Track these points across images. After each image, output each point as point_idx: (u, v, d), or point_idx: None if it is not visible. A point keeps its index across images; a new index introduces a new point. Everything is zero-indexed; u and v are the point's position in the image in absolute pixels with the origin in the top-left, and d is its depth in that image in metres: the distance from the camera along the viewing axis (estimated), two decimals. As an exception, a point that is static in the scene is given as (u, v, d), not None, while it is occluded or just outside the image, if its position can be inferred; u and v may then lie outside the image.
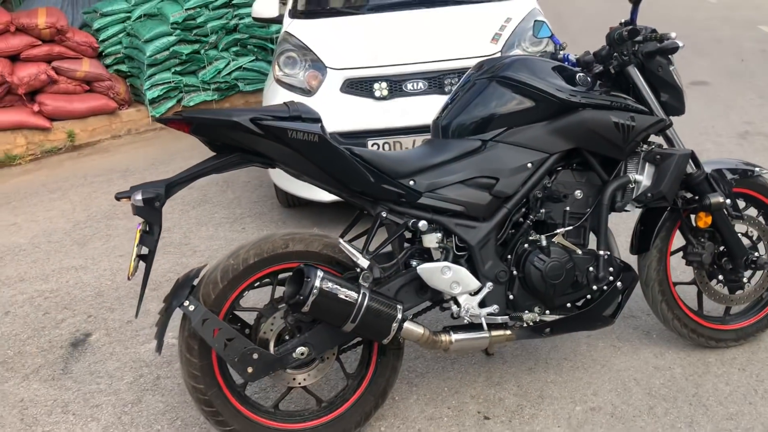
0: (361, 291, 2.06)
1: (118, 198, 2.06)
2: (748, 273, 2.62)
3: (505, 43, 3.83)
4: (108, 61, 6.98)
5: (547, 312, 2.34)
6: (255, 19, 4.89)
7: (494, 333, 2.31)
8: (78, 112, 6.56)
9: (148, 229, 2.05)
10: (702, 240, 2.53)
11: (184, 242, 4.10)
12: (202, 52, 7.01)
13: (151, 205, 2.01)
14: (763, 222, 2.66)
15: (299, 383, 2.22)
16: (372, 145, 3.67)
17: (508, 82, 2.29)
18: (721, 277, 2.61)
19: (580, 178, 2.37)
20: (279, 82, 4.02)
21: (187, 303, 2.06)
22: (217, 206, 4.66)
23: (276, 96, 4.00)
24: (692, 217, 2.53)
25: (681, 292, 2.71)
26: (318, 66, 3.89)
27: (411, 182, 2.20)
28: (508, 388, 2.54)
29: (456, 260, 2.25)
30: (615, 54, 2.36)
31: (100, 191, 5.21)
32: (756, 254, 2.55)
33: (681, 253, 2.61)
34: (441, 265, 2.20)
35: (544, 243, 2.28)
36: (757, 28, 10.12)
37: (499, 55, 3.77)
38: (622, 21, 2.38)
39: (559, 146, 2.29)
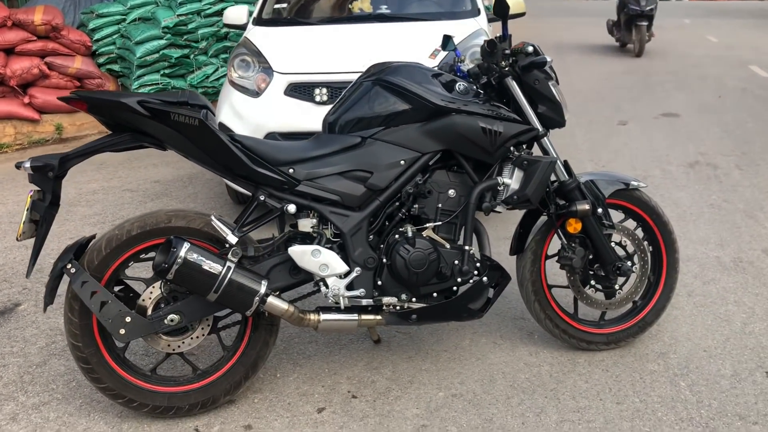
0: (226, 264, 2.25)
1: (17, 167, 2.26)
2: (621, 280, 2.77)
3: (443, 59, 4.02)
4: (101, 60, 7.29)
5: (414, 300, 2.51)
6: (226, 25, 5.15)
7: (363, 316, 2.48)
8: (67, 107, 6.83)
9: (41, 197, 2.25)
10: (573, 245, 2.69)
11: (133, 229, 4.31)
12: (192, 57, 7.30)
13: (42, 174, 2.22)
14: (639, 234, 2.81)
15: (173, 349, 2.40)
16: (308, 147, 3.87)
17: (388, 86, 2.48)
18: (594, 282, 2.77)
19: (454, 178, 2.55)
20: (232, 83, 4.25)
21: (69, 266, 2.27)
22: (174, 200, 4.88)
23: (229, 96, 4.23)
24: (565, 223, 2.68)
25: (560, 295, 2.87)
26: (267, 70, 4.12)
27: (290, 170, 2.39)
28: (383, 372, 2.71)
29: (329, 245, 2.44)
30: (493, 66, 2.55)
31: (72, 181, 5.45)
32: (622, 261, 2.70)
33: (556, 257, 2.77)
34: (312, 248, 2.38)
35: (410, 234, 2.45)
36: (747, 68, 10.27)
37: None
38: (497, 36, 2.57)
39: (430, 147, 2.47)
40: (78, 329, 2.32)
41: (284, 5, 5.00)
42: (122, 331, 2.27)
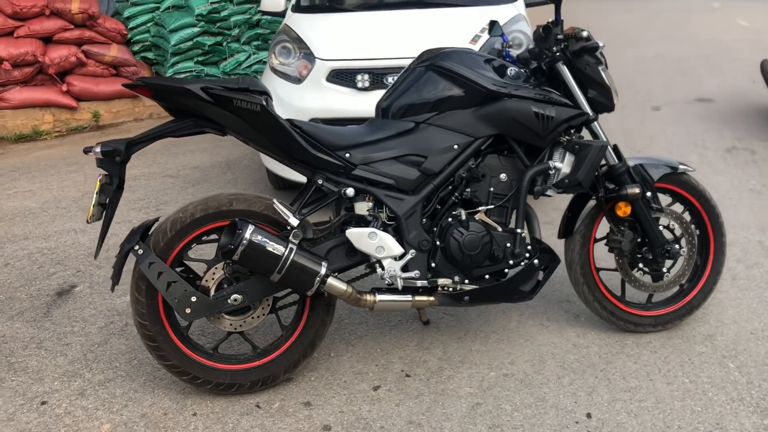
0: (289, 246, 2.32)
1: (85, 152, 2.35)
2: (669, 263, 2.80)
3: (484, 44, 4.05)
4: (135, 48, 7.37)
5: (466, 281, 2.57)
6: (263, 12, 5.20)
7: (417, 297, 2.54)
8: (104, 94, 6.96)
9: (109, 181, 2.34)
10: (622, 228, 2.72)
11: (177, 214, 4.41)
12: (225, 44, 7.37)
13: (110, 158, 2.31)
14: (687, 218, 2.84)
15: (235, 328, 2.48)
16: (351, 133, 3.93)
17: (441, 71, 2.53)
18: (642, 265, 2.80)
19: (505, 162, 2.60)
20: (273, 70, 4.32)
21: (137, 247, 2.35)
22: (214, 186, 4.97)
23: (271, 83, 4.30)
24: (614, 206, 2.72)
25: (607, 277, 2.91)
26: (309, 57, 4.17)
27: (347, 155, 2.46)
28: (434, 352, 2.77)
29: (385, 228, 2.50)
30: (545, 51, 2.58)
31: (113, 167, 5.55)
32: (670, 244, 2.73)
33: (605, 241, 2.81)
34: (368, 230, 2.44)
35: (464, 217, 2.51)
36: (780, 51, 10.10)
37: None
38: (549, 21, 2.60)
39: (483, 131, 2.52)
40: (145, 308, 2.41)
41: (322, -9, 5.04)
42: (188, 311, 2.36)
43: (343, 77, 4.04)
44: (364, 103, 3.97)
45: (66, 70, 6.76)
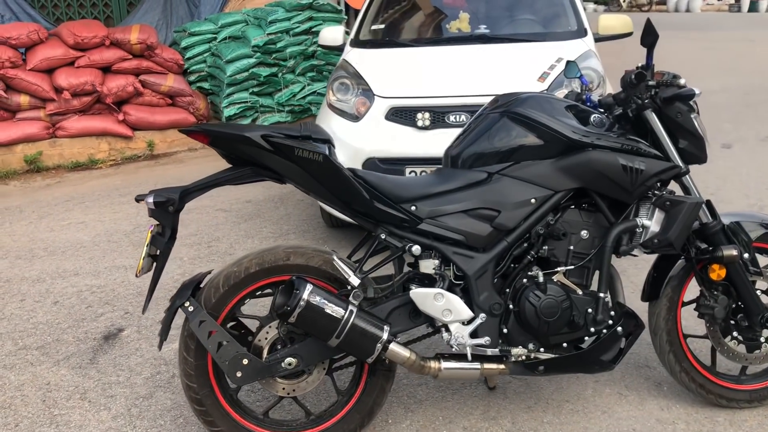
0: (349, 308, 2.13)
1: (137, 200, 2.21)
2: (766, 332, 2.52)
3: (553, 82, 3.84)
4: (192, 78, 7.40)
5: (542, 350, 2.33)
6: (321, 46, 5.10)
7: (486, 365, 2.32)
8: (159, 124, 6.97)
9: (160, 231, 2.19)
10: (715, 293, 2.45)
11: (229, 252, 4.29)
12: (280, 75, 7.33)
13: (163, 208, 2.16)
14: (788, 281, 2.55)
15: (288, 393, 2.29)
16: (409, 173, 3.75)
17: (518, 118, 2.33)
18: (736, 333, 2.52)
19: (587, 218, 2.37)
20: (331, 106, 4.18)
21: (187, 303, 2.19)
22: (267, 221, 4.84)
23: (327, 120, 4.16)
24: (707, 268, 2.45)
25: (696, 345, 2.63)
26: (367, 93, 4.02)
27: (412, 207, 2.26)
28: (502, 423, 2.53)
29: (452, 288, 2.29)
30: (633, 98, 2.36)
31: (165, 199, 5.49)
32: (771, 313, 2.45)
33: (694, 305, 2.54)
34: (434, 291, 2.24)
35: (541, 279, 2.28)
36: None
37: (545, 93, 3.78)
38: (639, 65, 2.38)
39: (564, 184, 2.30)
40: (193, 369, 2.24)
41: (381, 26, 4.90)
42: (239, 374, 2.18)
43: (402, 115, 3.87)
44: (424, 143, 3.79)
45: (123, 100, 6.80)
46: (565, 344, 2.35)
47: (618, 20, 4.71)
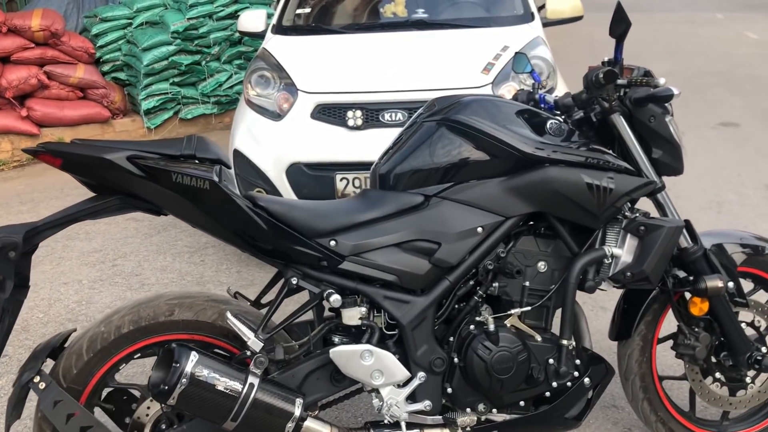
0: (248, 380, 1.65)
1: None
2: (752, 372, 2.15)
3: (498, 74, 3.41)
4: (106, 68, 6.72)
5: (494, 411, 1.91)
6: (241, 32, 4.56)
7: (427, 433, 1.88)
8: (69, 120, 6.30)
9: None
10: (696, 330, 2.07)
11: (136, 272, 3.75)
12: (203, 63, 6.73)
13: (1, 256, 1.64)
14: (775, 310, 2.19)
15: (180, 482, 1.81)
16: (341, 180, 3.29)
17: (459, 127, 1.87)
18: (718, 374, 2.15)
19: (545, 247, 1.94)
20: (249, 103, 3.66)
21: (37, 379, 1.68)
22: (183, 233, 4.29)
23: (245, 118, 3.65)
24: (686, 300, 2.06)
25: (671, 387, 2.25)
26: (290, 88, 3.52)
27: (332, 242, 1.80)
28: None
29: (383, 342, 1.84)
30: (598, 99, 1.93)
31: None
32: (763, 351, 2.08)
33: (671, 342, 2.15)
34: (360, 348, 1.78)
35: (492, 327, 1.84)
36: (798, 67, 9.53)
37: (489, 87, 3.36)
38: (605, 60, 1.95)
39: (517, 209, 1.86)
40: (52, 462, 1.73)
41: (307, 10, 4.38)
42: (109, 468, 1.69)
43: (330, 113, 3.39)
44: (356, 145, 3.32)
45: (26, 93, 6.11)
46: (522, 403, 1.92)
47: (567, 3, 4.31)
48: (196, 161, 1.70)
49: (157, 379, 1.63)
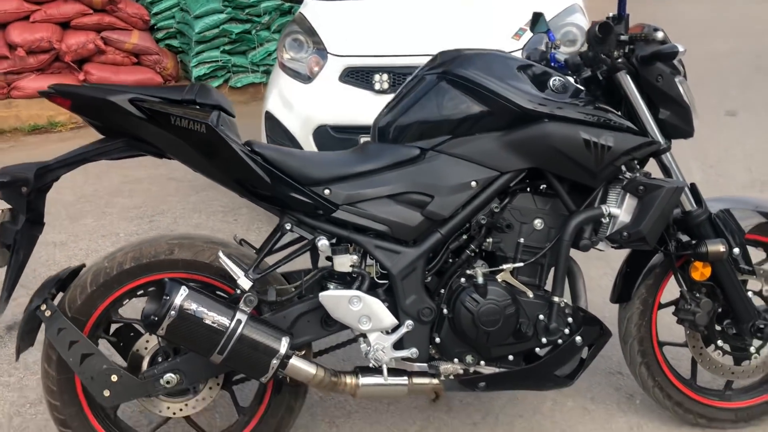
0: (236, 317, 1.72)
1: None
2: (757, 342, 2.10)
3: (530, 41, 3.36)
4: (159, 35, 6.90)
5: (482, 363, 1.93)
6: (288, 1, 4.62)
7: (416, 381, 1.92)
8: (123, 84, 6.51)
9: (10, 218, 1.78)
10: (698, 295, 2.03)
11: (171, 228, 3.89)
12: (254, 32, 6.82)
13: (13, 190, 1.75)
14: (786, 281, 2.13)
15: (174, 413, 1.90)
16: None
17: (459, 81, 1.88)
18: (721, 343, 2.11)
19: (542, 205, 1.94)
20: (282, 66, 3.72)
21: (44, 306, 1.79)
22: (220, 194, 4.39)
23: (278, 81, 3.72)
24: (689, 265, 2.03)
25: (673, 354, 2.22)
26: (321, 51, 3.56)
27: (326, 191, 1.84)
28: (440, 444, 2.14)
29: (373, 290, 1.88)
30: (602, 57, 1.90)
31: (118, 166, 4.96)
32: (765, 321, 2.03)
33: (673, 308, 2.12)
34: (350, 293, 1.83)
35: (480, 279, 1.86)
36: None
37: (520, 53, 3.32)
38: (609, 15, 1.92)
39: (512, 164, 1.86)
40: (56, 385, 1.85)
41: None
42: (107, 393, 1.79)
43: (358, 77, 3.41)
44: (380, 108, 3.32)
45: (84, 58, 6.34)
46: (511, 357, 1.94)
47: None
48: (197, 107, 1.76)
49: (149, 310, 1.71)
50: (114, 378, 1.78)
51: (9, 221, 1.78)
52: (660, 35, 1.83)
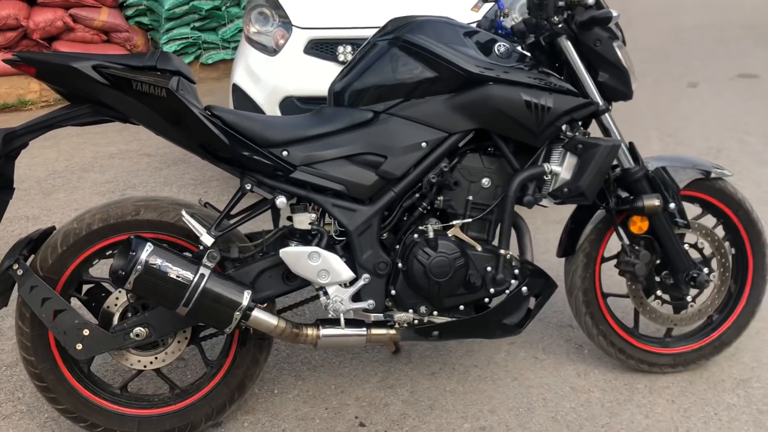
0: (199, 271, 1.82)
1: None
2: (695, 291, 2.25)
3: (488, 11, 3.44)
4: (129, 12, 6.87)
5: (435, 313, 2.05)
6: (250, -27, 4.65)
7: (373, 331, 2.04)
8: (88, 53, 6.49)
9: (-21, 182, 1.86)
10: (637, 248, 2.17)
11: (142, 201, 3.95)
12: (223, 8, 6.84)
13: (-20, 155, 1.82)
14: (720, 234, 2.28)
15: (144, 366, 2.01)
16: (331, 114, 3.40)
17: (408, 47, 1.98)
18: (660, 292, 2.25)
19: (489, 164, 2.06)
20: (249, 39, 3.78)
21: (15, 266, 1.88)
22: (191, 167, 4.49)
23: (245, 54, 3.77)
24: (628, 220, 2.16)
25: (617, 305, 2.37)
26: (286, 24, 3.63)
27: (284, 153, 1.94)
28: (400, 393, 2.27)
29: (331, 246, 1.99)
30: (543, 22, 2.02)
31: (90, 143, 5.12)
32: (698, 270, 2.17)
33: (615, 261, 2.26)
34: (309, 249, 1.93)
35: (431, 234, 1.98)
36: (835, 21, 9.21)
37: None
38: (550, -20, 2.02)
39: (460, 125, 1.98)
40: (30, 341, 1.94)
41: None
42: (79, 347, 1.89)
43: (322, 48, 3.50)
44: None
45: (52, 36, 6.31)
46: (462, 307, 2.07)
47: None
48: (158, 72, 1.84)
49: (117, 266, 1.80)
50: (86, 332, 1.88)
51: (-21, 185, 1.86)
52: (591, 1, 1.94)
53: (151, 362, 2.01)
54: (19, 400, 2.29)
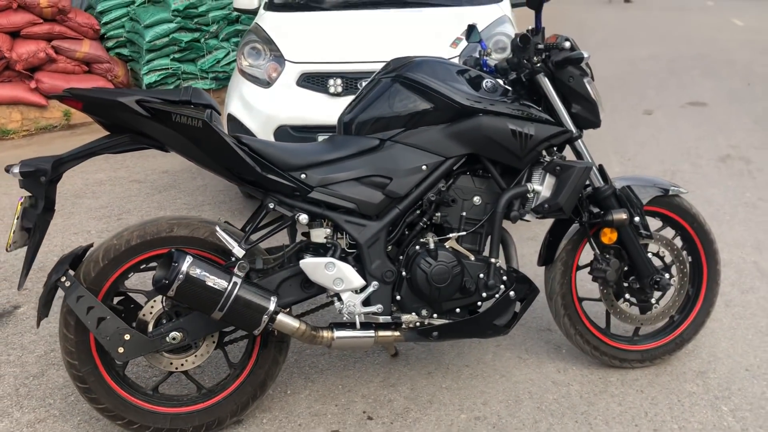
0: (232, 280, 2.07)
1: (6, 170, 2.08)
2: (658, 294, 2.57)
3: (465, 48, 3.80)
4: (110, 44, 7.09)
5: (435, 316, 2.33)
6: (236, 9, 4.93)
7: (380, 333, 2.30)
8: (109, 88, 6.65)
9: (33, 203, 2.08)
10: (607, 257, 2.49)
11: (139, 224, 4.15)
12: (202, 40, 7.10)
13: (33, 179, 2.05)
14: (678, 244, 2.61)
15: (176, 368, 2.23)
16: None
17: (409, 83, 2.28)
18: (628, 296, 2.57)
19: (480, 184, 2.36)
20: (242, 72, 4.06)
21: (64, 278, 2.10)
22: (182, 192, 4.70)
23: (238, 86, 4.04)
24: (599, 232, 2.48)
25: (591, 308, 2.67)
26: (279, 59, 3.91)
27: (302, 175, 2.21)
28: (401, 390, 2.53)
29: (344, 257, 2.25)
30: (524, 62, 2.34)
31: (78, 170, 5.28)
32: (660, 275, 2.49)
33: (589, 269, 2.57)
34: (325, 260, 2.19)
35: (432, 246, 2.26)
36: (775, 53, 9.90)
37: (457, 59, 3.75)
38: (529, 28, 2.35)
39: (454, 150, 2.28)
40: (74, 346, 2.15)
41: (297, -11, 4.76)
42: (121, 350, 2.11)
43: (314, 81, 3.79)
44: (336, 110, 3.64)
45: (35, 67, 6.48)
46: (458, 310, 2.35)
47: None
48: (192, 106, 2.10)
49: (160, 276, 2.04)
50: (127, 337, 2.10)
51: (31, 207, 2.08)
52: (567, 44, 2.28)
53: (182, 364, 2.23)
54: (51, 406, 2.48)
